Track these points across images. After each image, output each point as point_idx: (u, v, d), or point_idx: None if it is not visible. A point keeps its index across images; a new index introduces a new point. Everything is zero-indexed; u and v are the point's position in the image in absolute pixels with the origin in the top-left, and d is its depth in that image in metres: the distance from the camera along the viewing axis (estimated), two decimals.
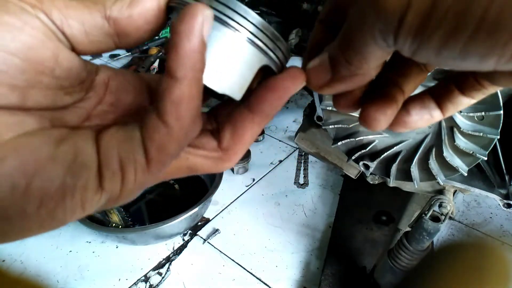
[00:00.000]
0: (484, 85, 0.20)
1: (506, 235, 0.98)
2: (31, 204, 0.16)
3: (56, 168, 0.17)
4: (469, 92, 0.20)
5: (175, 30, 0.17)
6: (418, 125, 0.22)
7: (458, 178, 0.56)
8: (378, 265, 0.77)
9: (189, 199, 1.01)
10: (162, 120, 0.18)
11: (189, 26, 0.17)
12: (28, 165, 0.16)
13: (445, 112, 0.22)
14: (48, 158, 0.17)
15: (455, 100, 0.21)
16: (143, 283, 0.88)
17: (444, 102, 0.21)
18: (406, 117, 0.22)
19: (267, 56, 0.20)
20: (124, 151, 0.18)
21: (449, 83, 0.21)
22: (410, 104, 0.22)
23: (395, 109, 0.21)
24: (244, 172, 1.18)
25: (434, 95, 0.22)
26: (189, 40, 0.17)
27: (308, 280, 0.88)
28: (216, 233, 0.99)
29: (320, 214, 1.04)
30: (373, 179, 0.64)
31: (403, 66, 0.22)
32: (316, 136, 0.67)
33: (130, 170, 0.18)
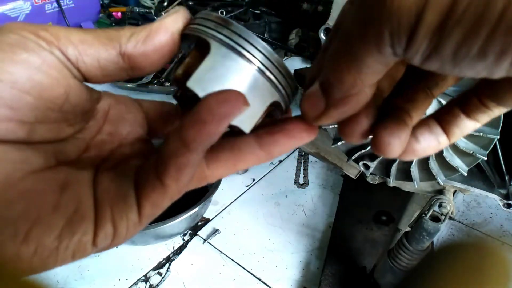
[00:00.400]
0: (489, 106, 0.19)
1: (506, 235, 0.98)
2: (26, 251, 0.17)
3: (57, 219, 0.17)
4: (474, 114, 0.20)
5: (208, 108, 0.17)
6: (426, 152, 0.21)
7: (458, 178, 0.56)
8: (378, 265, 0.77)
9: (189, 199, 1.01)
10: (161, 180, 0.18)
11: (224, 114, 0.17)
12: (32, 213, 0.17)
13: (451, 137, 0.21)
14: (52, 207, 0.17)
15: (461, 124, 0.20)
16: (143, 283, 0.88)
17: (449, 126, 0.21)
18: (416, 144, 0.20)
19: (279, 92, 0.20)
20: (119, 210, 0.19)
21: (454, 106, 0.20)
22: (418, 130, 0.21)
23: (408, 133, 0.20)
24: (244, 172, 1.18)
25: (439, 120, 0.21)
26: (218, 124, 0.17)
27: (308, 280, 0.88)
28: (216, 233, 0.99)
29: (320, 214, 1.04)
30: (373, 179, 0.64)
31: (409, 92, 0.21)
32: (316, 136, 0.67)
33: (122, 227, 0.19)
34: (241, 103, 0.17)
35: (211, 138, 0.17)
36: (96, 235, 0.18)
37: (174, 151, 0.17)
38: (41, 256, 0.17)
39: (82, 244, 0.18)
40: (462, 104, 0.20)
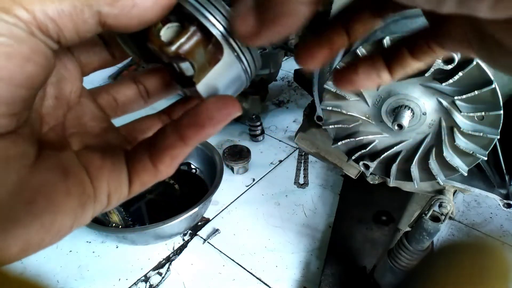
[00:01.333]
0: (433, 49, 0.20)
1: (506, 235, 0.98)
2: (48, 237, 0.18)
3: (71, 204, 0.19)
4: (418, 55, 0.21)
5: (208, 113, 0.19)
6: (365, 84, 0.22)
7: (458, 178, 0.56)
8: (378, 265, 0.77)
9: (189, 199, 1.01)
10: (155, 165, 0.21)
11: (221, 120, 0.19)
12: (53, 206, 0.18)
13: (393, 74, 0.22)
14: (65, 194, 0.19)
15: (405, 63, 0.21)
16: (143, 283, 0.88)
17: (393, 64, 0.21)
18: (354, 75, 0.22)
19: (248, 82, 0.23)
20: (114, 187, 0.21)
21: (401, 46, 0.21)
22: (360, 63, 0.22)
23: (326, 49, 0.20)
24: (244, 172, 1.18)
25: (385, 58, 0.22)
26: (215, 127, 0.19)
27: (308, 280, 0.88)
28: (216, 233, 0.99)
29: (320, 214, 1.04)
30: (373, 179, 0.64)
31: (353, 13, 0.21)
32: (316, 136, 0.67)
33: (115, 199, 0.21)
34: (237, 111, 0.20)
35: (207, 137, 0.20)
36: (95, 208, 0.20)
37: (172, 144, 0.20)
38: (59, 236, 0.19)
39: (87, 218, 0.20)
40: (409, 45, 0.21)
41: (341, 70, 0.22)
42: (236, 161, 1.14)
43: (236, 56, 0.21)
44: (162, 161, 0.20)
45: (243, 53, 0.21)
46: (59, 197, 0.18)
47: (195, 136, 0.19)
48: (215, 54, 0.20)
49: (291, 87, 1.60)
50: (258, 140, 1.30)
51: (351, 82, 0.22)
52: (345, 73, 0.22)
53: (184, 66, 0.20)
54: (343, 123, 0.55)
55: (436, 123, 0.50)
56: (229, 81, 0.21)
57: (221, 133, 1.35)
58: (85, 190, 0.20)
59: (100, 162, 0.21)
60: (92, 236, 0.98)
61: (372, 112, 0.53)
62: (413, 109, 0.49)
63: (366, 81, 0.22)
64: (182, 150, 0.20)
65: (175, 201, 1.06)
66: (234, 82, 0.22)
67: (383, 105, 0.51)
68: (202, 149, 1.12)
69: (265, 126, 1.35)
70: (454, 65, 0.43)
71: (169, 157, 0.20)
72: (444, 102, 0.47)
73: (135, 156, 0.22)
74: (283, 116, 1.44)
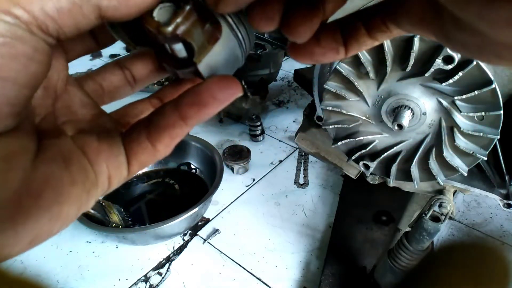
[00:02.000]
0: (390, 28, 0.20)
1: (506, 235, 0.98)
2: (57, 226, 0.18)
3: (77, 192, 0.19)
4: (374, 33, 0.20)
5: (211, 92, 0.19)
6: (324, 58, 0.21)
7: (458, 178, 0.56)
8: (378, 265, 0.77)
9: (189, 199, 1.01)
10: (153, 145, 0.21)
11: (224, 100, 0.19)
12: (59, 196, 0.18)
13: (348, 51, 0.21)
14: (70, 184, 0.19)
15: (360, 40, 0.21)
16: (143, 283, 0.88)
17: (349, 40, 0.21)
18: (316, 47, 0.21)
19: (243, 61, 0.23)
20: (113, 169, 0.21)
21: (358, 21, 0.21)
22: (322, 34, 0.21)
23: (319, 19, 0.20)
24: (244, 172, 1.18)
25: (342, 31, 0.21)
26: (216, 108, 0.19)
27: (308, 280, 0.88)
28: (216, 233, 0.99)
29: (320, 214, 1.04)
30: (373, 179, 0.64)
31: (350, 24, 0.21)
32: (316, 136, 0.67)
33: (115, 181, 0.21)
34: (238, 91, 0.19)
35: (208, 117, 0.19)
36: (97, 192, 0.21)
37: (172, 123, 0.20)
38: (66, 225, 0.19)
39: (91, 203, 0.20)
40: (366, 21, 0.20)
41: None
42: (236, 161, 1.14)
43: (234, 35, 0.20)
44: (161, 141, 0.20)
45: (240, 31, 0.21)
46: (65, 186, 0.18)
47: (196, 115, 0.19)
48: (213, 33, 0.20)
49: (291, 87, 1.60)
50: (258, 140, 1.30)
51: (312, 54, 0.21)
52: (305, 44, 0.21)
53: (178, 47, 0.20)
54: (343, 123, 0.55)
55: (436, 123, 0.50)
56: (228, 60, 0.21)
57: (221, 133, 1.35)
58: (88, 176, 0.20)
59: (96, 145, 0.21)
60: (92, 236, 0.98)
61: (372, 112, 0.53)
62: (413, 109, 0.49)
63: (326, 54, 0.21)
64: (181, 129, 0.20)
65: (175, 201, 1.06)
66: (231, 60, 0.22)
67: (383, 105, 0.51)
68: (202, 149, 1.12)
69: (265, 126, 1.35)
70: (454, 65, 0.43)
71: (168, 137, 0.20)
72: (444, 102, 0.47)
73: (132, 136, 0.21)
74: (283, 116, 1.44)
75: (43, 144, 0.19)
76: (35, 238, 0.18)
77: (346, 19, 0.21)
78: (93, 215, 0.88)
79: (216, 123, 1.40)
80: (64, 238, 0.98)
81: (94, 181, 0.20)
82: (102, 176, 0.21)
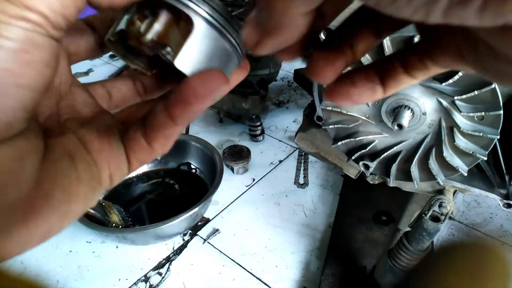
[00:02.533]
0: (427, 65, 0.20)
1: (506, 235, 0.98)
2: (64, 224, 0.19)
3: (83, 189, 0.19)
4: (412, 71, 0.20)
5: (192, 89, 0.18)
6: (360, 99, 0.21)
7: (458, 178, 0.56)
8: (378, 265, 0.77)
9: (189, 199, 1.01)
10: (149, 144, 0.21)
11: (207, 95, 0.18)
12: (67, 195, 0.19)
13: (386, 89, 0.21)
14: (77, 182, 0.19)
15: (398, 78, 0.21)
16: (143, 283, 0.88)
17: (387, 79, 0.21)
18: (351, 88, 0.21)
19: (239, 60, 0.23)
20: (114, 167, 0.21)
21: (395, 60, 0.21)
22: (356, 75, 0.21)
23: (343, 63, 0.20)
24: (244, 172, 1.18)
25: (378, 71, 0.21)
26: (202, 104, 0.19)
27: (308, 280, 0.88)
28: (216, 233, 0.99)
29: (320, 214, 1.04)
30: (373, 179, 0.64)
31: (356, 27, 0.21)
32: (316, 136, 0.67)
33: (116, 178, 0.22)
34: (222, 83, 0.19)
35: (195, 115, 0.19)
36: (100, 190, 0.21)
37: (163, 124, 0.20)
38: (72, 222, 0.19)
39: (95, 200, 0.21)
40: (403, 59, 0.20)
41: (336, 82, 0.21)
42: (236, 161, 1.14)
43: (211, 25, 0.20)
44: (156, 141, 0.21)
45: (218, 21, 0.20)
46: (73, 185, 0.19)
47: (183, 114, 0.19)
48: (187, 28, 0.19)
49: (291, 87, 1.60)
50: (258, 140, 1.30)
51: (348, 96, 0.21)
52: (341, 85, 0.21)
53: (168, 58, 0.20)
54: (343, 123, 0.55)
55: (436, 123, 0.50)
56: (211, 53, 0.20)
57: (221, 133, 1.35)
58: (93, 174, 0.20)
59: (98, 143, 0.21)
60: (92, 236, 0.98)
61: (372, 112, 0.53)
62: (413, 109, 0.49)
63: (362, 95, 0.21)
64: (173, 129, 0.20)
65: (175, 201, 1.06)
66: (217, 53, 0.20)
67: (383, 105, 0.51)
68: (202, 149, 1.12)
69: (265, 126, 1.35)
70: None
71: (162, 137, 0.20)
72: (444, 102, 0.47)
73: (129, 135, 0.22)
74: (283, 116, 1.44)
75: (49, 143, 0.19)
76: (46, 235, 0.18)
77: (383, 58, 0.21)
78: (93, 215, 0.88)
79: (216, 123, 1.40)
80: (64, 238, 0.98)
81: (98, 178, 0.21)
82: (104, 174, 0.21)
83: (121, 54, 0.23)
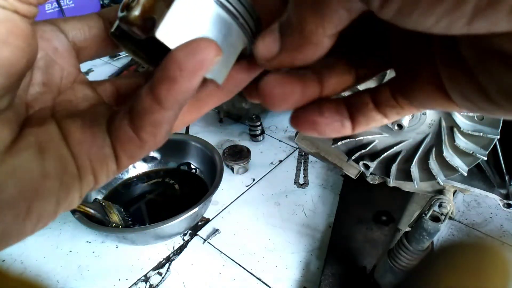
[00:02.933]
0: (399, 103, 0.18)
1: (506, 235, 0.98)
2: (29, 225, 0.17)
3: (51, 185, 0.17)
4: (383, 108, 0.18)
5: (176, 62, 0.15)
6: (327, 131, 0.19)
7: (458, 178, 0.56)
8: (378, 265, 0.77)
9: (189, 199, 1.01)
10: (137, 134, 0.18)
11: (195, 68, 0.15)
12: (27, 191, 0.16)
13: (355, 125, 0.19)
14: (41, 177, 0.17)
15: (368, 114, 0.19)
16: (143, 283, 0.88)
17: (356, 114, 0.19)
18: (319, 117, 0.19)
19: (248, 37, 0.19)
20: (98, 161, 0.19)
21: (365, 94, 0.19)
22: (325, 106, 0.19)
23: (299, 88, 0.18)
24: (244, 172, 1.18)
25: (348, 105, 0.19)
26: (190, 80, 0.15)
27: (308, 280, 0.88)
28: (216, 233, 0.99)
29: (320, 214, 1.04)
30: (373, 179, 0.64)
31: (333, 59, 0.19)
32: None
33: (102, 176, 0.19)
34: (214, 53, 0.15)
35: (184, 95, 0.16)
36: (81, 188, 0.19)
37: (148, 108, 0.16)
38: (42, 223, 0.17)
39: (74, 200, 0.18)
40: (374, 94, 0.19)
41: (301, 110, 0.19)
42: (236, 161, 1.14)
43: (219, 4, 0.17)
44: (143, 129, 0.17)
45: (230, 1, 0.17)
46: (34, 179, 0.16)
47: (169, 94, 0.16)
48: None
49: None
50: (258, 140, 1.30)
51: (314, 125, 0.19)
52: (307, 113, 0.19)
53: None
54: None
55: (436, 123, 0.50)
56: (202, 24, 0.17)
57: (221, 133, 1.35)
58: (67, 168, 0.18)
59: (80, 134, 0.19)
60: (92, 236, 0.98)
61: None
62: None
63: (330, 127, 0.19)
64: (160, 114, 0.16)
65: (175, 201, 1.06)
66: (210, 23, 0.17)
67: None
68: (202, 149, 1.12)
69: (265, 126, 1.35)
70: None
71: (149, 124, 0.17)
72: None
73: (115, 124, 0.19)
74: (283, 116, 1.44)
75: (21, 133, 0.17)
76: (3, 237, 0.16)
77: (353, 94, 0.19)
78: (93, 215, 0.88)
79: (216, 123, 1.40)
80: (64, 238, 0.98)
81: (74, 174, 0.18)
82: (85, 169, 0.18)
83: (128, 49, 0.21)
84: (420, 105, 0.18)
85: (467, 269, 0.16)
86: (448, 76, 0.15)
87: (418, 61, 0.16)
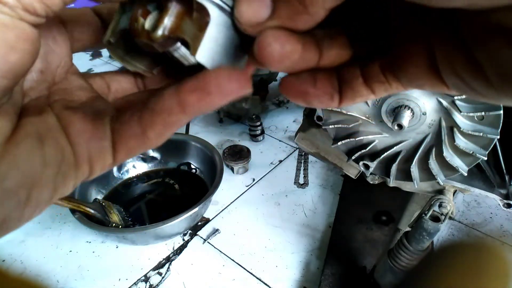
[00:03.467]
0: (388, 79, 0.18)
1: (506, 235, 0.98)
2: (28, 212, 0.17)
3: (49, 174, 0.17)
4: (372, 83, 0.18)
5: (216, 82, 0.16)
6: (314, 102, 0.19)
7: (458, 178, 0.56)
8: (378, 265, 0.77)
9: (189, 199, 1.01)
10: (144, 132, 0.18)
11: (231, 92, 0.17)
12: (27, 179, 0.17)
13: (342, 100, 0.19)
14: (41, 165, 0.17)
15: (356, 88, 0.18)
16: (143, 283, 0.88)
17: (344, 87, 0.19)
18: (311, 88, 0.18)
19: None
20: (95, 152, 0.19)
21: (356, 68, 0.19)
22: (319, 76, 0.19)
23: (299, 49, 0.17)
24: (244, 172, 1.18)
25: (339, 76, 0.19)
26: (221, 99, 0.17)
27: (308, 280, 0.88)
28: (216, 233, 0.99)
29: (320, 214, 1.04)
30: (373, 179, 0.64)
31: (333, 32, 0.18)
32: (316, 136, 0.67)
33: (98, 167, 0.20)
34: (247, 88, 0.17)
35: (208, 108, 0.17)
36: (76, 177, 0.19)
37: (168, 109, 0.17)
38: (39, 210, 0.18)
39: (69, 188, 0.19)
40: (364, 69, 0.18)
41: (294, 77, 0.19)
42: (236, 161, 1.14)
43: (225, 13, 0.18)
44: (153, 127, 0.18)
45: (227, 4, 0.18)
46: (34, 168, 0.17)
47: (197, 103, 0.17)
48: (202, 19, 0.18)
49: None
50: (258, 140, 1.30)
51: (304, 95, 0.19)
52: (301, 81, 0.18)
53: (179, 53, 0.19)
54: (343, 123, 0.55)
55: (436, 123, 0.50)
56: (229, 43, 0.19)
57: (221, 133, 1.35)
58: (65, 157, 0.18)
59: (80, 124, 0.19)
60: (92, 236, 0.98)
61: (372, 112, 0.53)
62: (413, 109, 0.49)
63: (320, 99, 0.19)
64: (178, 117, 0.17)
65: (175, 201, 1.06)
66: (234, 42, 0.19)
67: (383, 105, 0.51)
68: (202, 149, 1.12)
69: (265, 126, 1.35)
70: None
71: (162, 124, 0.18)
72: (444, 102, 0.47)
73: (124, 118, 0.19)
74: (283, 116, 1.44)
75: (20, 123, 0.18)
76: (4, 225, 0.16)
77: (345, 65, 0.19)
78: (93, 215, 0.88)
79: (216, 123, 1.40)
80: (64, 238, 0.98)
81: (71, 163, 0.19)
82: (82, 159, 0.19)
83: (119, 56, 0.22)
84: (408, 83, 0.18)
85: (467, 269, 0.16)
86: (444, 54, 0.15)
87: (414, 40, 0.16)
